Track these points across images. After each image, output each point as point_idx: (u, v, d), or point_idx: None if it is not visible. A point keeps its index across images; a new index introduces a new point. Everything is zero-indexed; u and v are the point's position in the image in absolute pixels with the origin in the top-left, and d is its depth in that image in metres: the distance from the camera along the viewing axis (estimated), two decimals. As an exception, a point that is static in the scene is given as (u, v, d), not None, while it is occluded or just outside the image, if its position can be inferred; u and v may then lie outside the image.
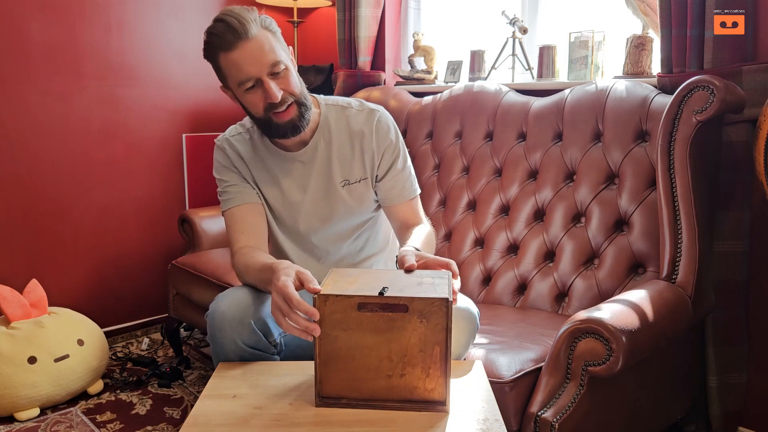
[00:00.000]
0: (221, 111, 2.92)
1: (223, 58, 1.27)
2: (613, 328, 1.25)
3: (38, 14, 2.36)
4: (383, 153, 1.42)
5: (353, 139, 1.42)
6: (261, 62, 1.25)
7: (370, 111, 1.44)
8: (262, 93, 1.28)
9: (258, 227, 1.41)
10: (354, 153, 1.42)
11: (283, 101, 1.28)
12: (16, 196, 2.37)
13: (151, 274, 2.76)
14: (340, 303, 1.00)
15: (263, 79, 1.26)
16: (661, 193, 1.56)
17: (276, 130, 1.32)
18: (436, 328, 0.99)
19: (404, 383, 1.02)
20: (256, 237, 1.39)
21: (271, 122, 1.31)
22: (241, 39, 1.24)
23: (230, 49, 1.25)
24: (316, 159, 1.42)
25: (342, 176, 1.42)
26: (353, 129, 1.42)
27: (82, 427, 1.96)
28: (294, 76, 1.31)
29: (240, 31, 1.24)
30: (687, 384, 1.71)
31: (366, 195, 1.45)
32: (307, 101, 1.35)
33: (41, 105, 2.40)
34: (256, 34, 1.25)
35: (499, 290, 1.93)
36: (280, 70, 1.27)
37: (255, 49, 1.25)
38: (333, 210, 1.44)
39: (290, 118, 1.31)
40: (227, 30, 1.24)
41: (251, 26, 1.25)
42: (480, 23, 2.58)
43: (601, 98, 1.85)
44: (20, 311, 2.09)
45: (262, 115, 1.30)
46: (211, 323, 1.22)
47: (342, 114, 1.44)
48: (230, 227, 1.41)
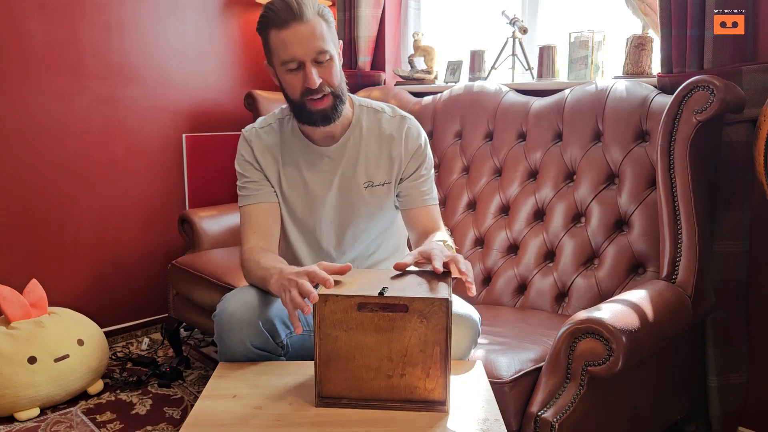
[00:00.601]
0: (221, 111, 2.92)
1: (274, 35, 1.28)
2: (613, 328, 1.25)
3: (38, 14, 2.36)
4: (410, 158, 1.44)
5: (382, 143, 1.43)
6: (308, 47, 1.26)
7: (402, 117, 1.46)
8: (302, 77, 1.29)
9: (270, 228, 1.42)
10: (381, 156, 1.43)
11: (320, 89, 1.29)
12: (16, 195, 2.37)
13: (151, 274, 2.76)
14: (340, 303, 1.00)
15: (306, 64, 1.28)
16: (661, 193, 1.56)
17: (308, 116, 1.33)
18: (436, 328, 0.99)
19: (404, 383, 1.02)
20: (267, 238, 1.40)
21: (305, 108, 1.32)
22: (296, 20, 1.25)
23: (283, 27, 1.26)
24: (344, 157, 1.43)
25: (366, 177, 1.43)
26: (384, 133, 1.43)
27: (82, 427, 1.96)
28: (337, 68, 1.32)
29: (296, 12, 1.25)
30: (687, 384, 1.71)
31: (386, 200, 1.46)
32: (344, 96, 1.36)
33: (41, 105, 2.40)
34: (311, 18, 1.27)
35: (499, 290, 1.93)
36: (325, 60, 1.29)
37: (306, 33, 1.26)
38: (353, 209, 1.44)
39: (323, 107, 1.32)
40: (285, 8, 1.26)
41: (308, 10, 1.26)
42: (480, 23, 2.58)
43: (601, 98, 1.85)
44: (20, 311, 2.09)
45: (298, 98, 1.32)
46: (219, 324, 1.22)
47: (374, 117, 1.45)
48: (244, 224, 1.43)
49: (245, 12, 2.96)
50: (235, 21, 2.93)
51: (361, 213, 1.44)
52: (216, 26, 2.86)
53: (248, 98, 2.53)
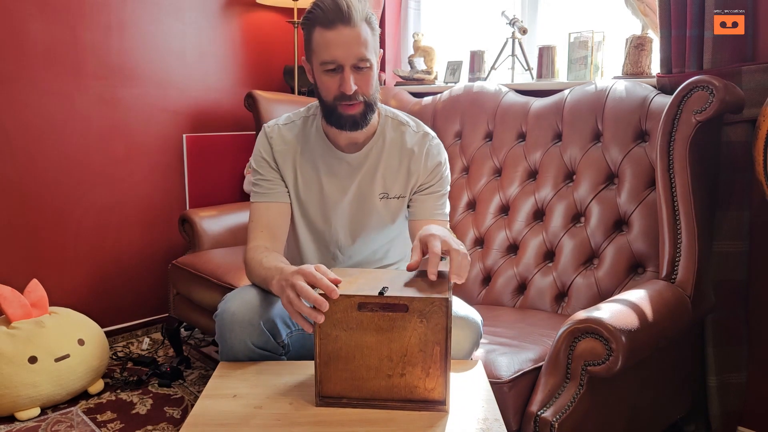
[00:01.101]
0: (222, 111, 2.92)
1: (318, 33, 1.27)
2: (612, 327, 1.25)
3: (38, 14, 2.36)
4: (428, 175, 1.43)
5: (402, 157, 1.43)
6: (350, 52, 1.25)
7: (425, 134, 1.45)
8: (338, 80, 1.28)
9: (278, 229, 1.41)
10: (400, 169, 1.43)
11: (354, 96, 1.29)
12: (17, 196, 2.38)
13: (152, 274, 2.76)
14: (340, 303, 1.01)
15: (346, 68, 1.27)
16: (661, 193, 1.57)
17: (337, 119, 1.33)
18: (436, 327, 0.99)
19: (404, 383, 1.02)
20: (273, 239, 1.39)
21: (335, 110, 1.32)
22: (343, 22, 1.24)
23: (328, 28, 1.25)
24: (364, 165, 1.42)
25: (383, 189, 1.43)
26: (405, 147, 1.43)
27: (82, 426, 1.97)
28: (374, 78, 1.32)
29: (345, 15, 1.24)
30: (687, 384, 1.71)
31: (399, 212, 1.45)
32: (375, 105, 1.36)
33: (41, 105, 2.40)
34: (358, 23, 1.25)
35: (498, 290, 1.93)
36: (365, 67, 1.28)
37: (351, 37, 1.25)
38: (365, 218, 1.44)
39: (354, 113, 1.31)
40: (334, 8, 1.24)
41: (357, 14, 1.25)
42: (480, 23, 2.58)
43: (601, 98, 1.85)
44: (21, 311, 2.09)
45: (331, 101, 1.31)
46: (221, 324, 1.22)
47: (399, 129, 1.44)
48: (253, 221, 1.41)
49: (245, 12, 2.96)
50: (236, 21, 2.93)
51: (373, 223, 1.44)
52: (216, 26, 2.86)
53: (248, 98, 2.53)
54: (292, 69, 2.98)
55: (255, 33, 3.01)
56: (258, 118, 2.51)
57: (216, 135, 2.90)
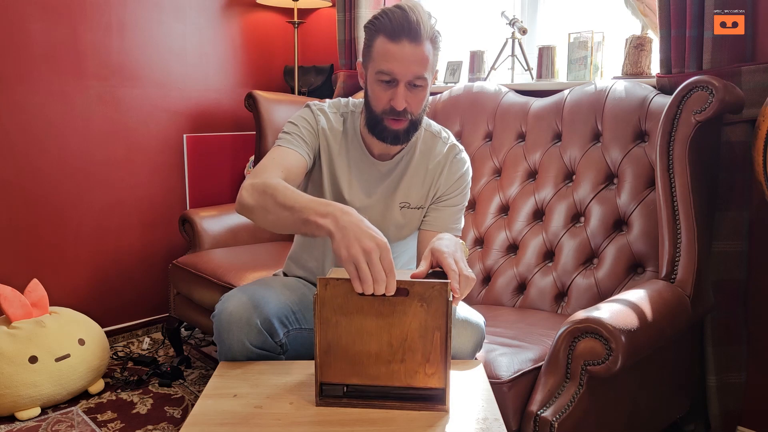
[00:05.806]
0: (222, 111, 2.92)
1: (381, 42, 1.25)
2: (612, 327, 1.25)
3: (39, 15, 2.36)
4: (448, 186, 1.43)
5: (429, 168, 1.42)
6: (410, 69, 1.24)
7: (453, 146, 1.44)
8: (391, 93, 1.27)
9: (295, 179, 1.32)
10: (424, 182, 1.42)
11: (403, 113, 1.28)
12: (17, 195, 2.38)
13: (152, 274, 2.77)
14: (341, 287, 1.00)
15: (400, 84, 1.25)
16: (660, 193, 1.57)
17: (381, 131, 1.31)
18: (437, 313, 0.99)
19: (405, 369, 1.02)
20: (291, 183, 1.28)
21: (381, 122, 1.30)
22: (408, 37, 1.22)
23: (393, 39, 1.23)
24: (392, 174, 1.42)
25: (404, 198, 1.42)
26: (434, 159, 1.42)
27: (82, 426, 1.97)
28: (426, 97, 1.31)
29: (413, 30, 1.22)
30: (686, 384, 1.71)
31: (415, 223, 1.45)
32: (420, 123, 1.35)
33: (42, 105, 2.40)
34: (423, 41, 1.23)
35: (498, 289, 1.94)
36: (419, 86, 1.27)
37: (412, 55, 1.23)
38: (382, 224, 1.42)
39: (398, 129, 1.30)
40: (403, 21, 1.22)
41: (424, 32, 1.23)
42: (479, 24, 2.58)
43: (601, 99, 1.85)
44: (21, 311, 2.09)
45: (378, 112, 1.30)
46: (218, 324, 1.22)
47: (431, 141, 1.44)
48: (269, 159, 1.30)
49: (246, 13, 2.96)
50: (236, 22, 2.93)
51: (391, 231, 1.43)
52: (217, 27, 2.87)
53: (249, 99, 2.54)
54: (292, 69, 2.98)
55: (255, 33, 3.01)
56: (258, 118, 2.52)
57: (216, 135, 2.91)
